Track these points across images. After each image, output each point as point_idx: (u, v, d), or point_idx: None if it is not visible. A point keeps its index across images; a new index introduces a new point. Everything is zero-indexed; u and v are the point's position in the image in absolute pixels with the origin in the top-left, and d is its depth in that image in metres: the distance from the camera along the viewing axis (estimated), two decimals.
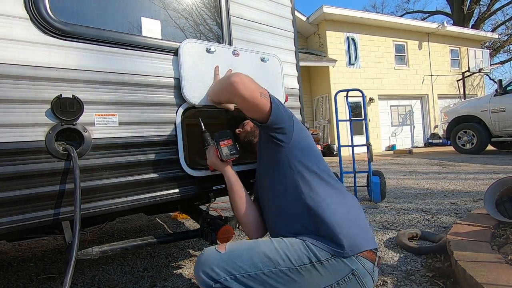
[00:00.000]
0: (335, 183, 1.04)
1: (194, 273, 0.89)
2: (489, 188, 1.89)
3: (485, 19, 18.61)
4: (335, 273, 0.86)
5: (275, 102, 1.01)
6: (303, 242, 0.90)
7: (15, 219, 0.88)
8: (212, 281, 0.83)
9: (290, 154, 1.03)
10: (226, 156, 1.14)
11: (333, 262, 0.86)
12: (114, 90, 1.08)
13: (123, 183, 1.08)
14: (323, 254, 0.87)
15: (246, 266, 0.85)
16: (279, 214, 1.03)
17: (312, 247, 0.88)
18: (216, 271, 0.84)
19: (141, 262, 1.83)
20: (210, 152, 1.19)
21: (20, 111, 0.90)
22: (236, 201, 1.14)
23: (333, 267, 0.86)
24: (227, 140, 1.15)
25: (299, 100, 1.76)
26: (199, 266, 0.87)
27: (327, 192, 0.98)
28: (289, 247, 0.88)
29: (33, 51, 0.93)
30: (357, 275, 0.86)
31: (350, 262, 0.86)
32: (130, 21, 1.17)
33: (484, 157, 6.12)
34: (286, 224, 1.00)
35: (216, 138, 1.15)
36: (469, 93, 13.03)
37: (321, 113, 10.98)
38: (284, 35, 1.70)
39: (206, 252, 0.90)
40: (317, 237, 0.91)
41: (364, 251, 0.89)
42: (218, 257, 0.87)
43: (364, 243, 0.90)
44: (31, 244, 2.30)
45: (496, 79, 8.46)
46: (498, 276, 1.13)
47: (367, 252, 0.89)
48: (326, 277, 0.86)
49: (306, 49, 11.43)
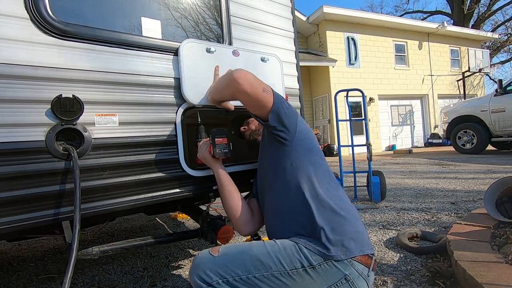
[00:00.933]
0: (335, 186, 1.04)
1: (189, 276, 0.89)
2: (489, 188, 1.89)
3: (485, 19, 18.61)
4: (327, 278, 0.85)
5: (278, 99, 1.00)
6: (295, 245, 0.89)
7: (15, 219, 0.88)
8: (205, 284, 0.83)
9: (292, 153, 1.02)
10: (218, 153, 1.15)
11: (326, 267, 0.85)
12: (114, 90, 1.08)
13: (123, 183, 1.08)
14: (315, 258, 0.86)
15: (238, 270, 0.85)
16: (278, 213, 1.03)
17: (304, 251, 0.87)
18: (208, 274, 0.84)
19: (141, 262, 1.83)
20: (203, 147, 1.20)
21: (20, 111, 0.90)
22: (225, 197, 1.15)
23: (325, 271, 0.85)
24: (223, 138, 1.17)
25: (299, 100, 1.76)
26: (193, 269, 0.87)
27: (327, 194, 0.98)
28: (281, 251, 0.87)
29: (33, 51, 0.93)
30: (350, 280, 0.85)
31: (343, 266, 0.85)
32: (130, 21, 1.17)
33: (484, 157, 6.12)
34: (284, 223, 1.00)
35: (213, 134, 1.16)
36: (469, 93, 13.03)
37: (321, 113, 10.98)
38: (284, 35, 1.70)
39: (200, 256, 0.90)
40: (311, 239, 0.90)
41: (359, 256, 0.88)
42: (211, 260, 0.87)
43: (359, 247, 0.89)
44: (31, 244, 2.30)
45: (496, 79, 8.46)
46: (498, 276, 1.13)
47: (361, 257, 0.88)
48: (318, 282, 0.85)
49: (306, 49, 11.43)
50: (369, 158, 2.98)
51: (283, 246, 0.89)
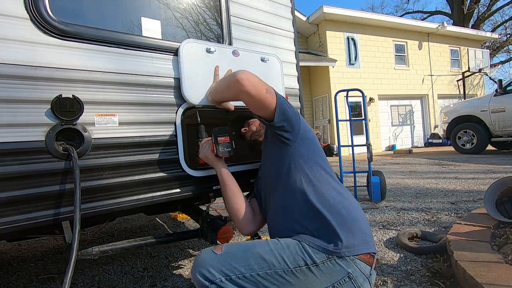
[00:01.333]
0: (338, 184, 1.04)
1: (191, 274, 0.89)
2: (489, 188, 1.89)
3: (485, 19, 18.60)
4: (331, 276, 0.85)
5: (281, 100, 1.01)
6: (299, 243, 0.89)
7: (15, 219, 0.88)
8: (208, 282, 0.83)
9: (295, 152, 1.03)
10: (222, 152, 1.15)
11: (329, 265, 0.85)
12: (114, 90, 1.08)
13: (123, 183, 1.08)
14: (319, 257, 0.86)
15: (241, 268, 0.85)
16: (281, 212, 1.04)
17: (308, 249, 0.87)
18: (211, 272, 0.84)
19: (141, 262, 1.83)
20: (205, 146, 1.20)
21: (20, 111, 0.90)
22: (228, 196, 1.15)
23: (328, 269, 0.85)
24: (225, 137, 1.16)
25: (299, 100, 1.76)
26: (195, 267, 0.87)
27: (330, 192, 0.98)
28: (285, 249, 0.88)
29: (33, 51, 0.93)
30: (353, 278, 0.85)
31: (346, 264, 0.86)
32: (130, 21, 1.17)
33: (484, 157, 6.12)
34: (287, 222, 1.00)
35: (215, 133, 1.16)
36: (469, 93, 13.02)
37: (321, 113, 10.98)
38: (284, 35, 1.70)
39: (202, 253, 0.90)
40: (315, 238, 0.90)
41: (362, 254, 0.88)
42: (214, 258, 0.87)
43: (363, 246, 0.90)
44: (31, 244, 2.30)
45: (496, 79, 8.46)
46: (498, 276, 1.13)
47: (364, 255, 0.89)
48: (322, 280, 0.85)
49: (306, 49, 11.43)
50: (369, 158, 2.98)
51: (286, 245, 0.89)
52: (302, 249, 0.88)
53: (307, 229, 0.94)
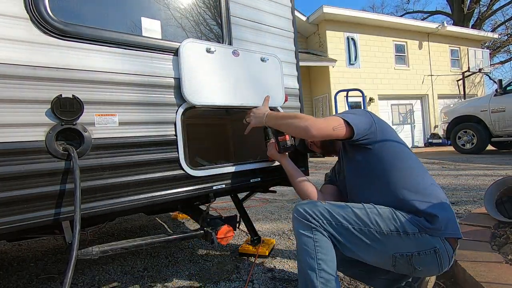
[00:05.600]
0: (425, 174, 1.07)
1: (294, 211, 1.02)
2: (489, 188, 1.89)
3: (485, 19, 18.60)
4: (418, 244, 0.93)
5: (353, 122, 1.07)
6: (393, 212, 0.97)
7: (15, 219, 0.88)
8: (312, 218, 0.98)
9: (379, 152, 1.09)
10: (282, 149, 1.35)
11: (419, 236, 0.92)
12: (114, 90, 1.08)
13: (123, 183, 1.08)
14: (411, 228, 0.93)
15: (341, 218, 0.98)
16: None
17: (401, 218, 0.95)
18: (316, 214, 0.98)
19: (141, 262, 1.83)
20: (271, 145, 1.41)
21: (20, 111, 0.90)
22: (296, 184, 1.31)
23: (418, 239, 0.93)
24: (284, 136, 1.34)
25: (299, 100, 1.76)
26: (303, 204, 1.02)
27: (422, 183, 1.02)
28: (379, 215, 0.97)
29: (33, 51, 0.93)
30: (438, 252, 0.92)
31: (435, 240, 0.92)
32: (130, 21, 1.17)
33: (484, 157, 6.12)
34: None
35: (275, 134, 1.35)
36: (469, 93, 13.02)
37: (321, 113, 10.98)
38: (284, 35, 1.70)
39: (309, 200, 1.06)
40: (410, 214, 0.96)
41: (450, 237, 0.94)
42: (319, 205, 1.01)
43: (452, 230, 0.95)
44: (31, 244, 2.30)
45: (496, 79, 8.45)
46: (498, 276, 1.13)
47: (452, 238, 0.95)
48: (409, 245, 0.93)
49: (306, 49, 11.43)
50: None
51: (381, 211, 0.98)
52: (395, 218, 0.96)
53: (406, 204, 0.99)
